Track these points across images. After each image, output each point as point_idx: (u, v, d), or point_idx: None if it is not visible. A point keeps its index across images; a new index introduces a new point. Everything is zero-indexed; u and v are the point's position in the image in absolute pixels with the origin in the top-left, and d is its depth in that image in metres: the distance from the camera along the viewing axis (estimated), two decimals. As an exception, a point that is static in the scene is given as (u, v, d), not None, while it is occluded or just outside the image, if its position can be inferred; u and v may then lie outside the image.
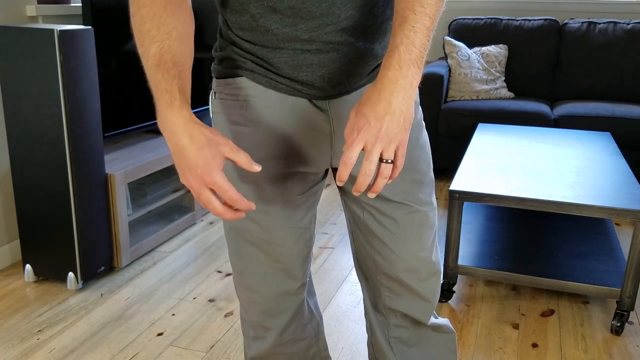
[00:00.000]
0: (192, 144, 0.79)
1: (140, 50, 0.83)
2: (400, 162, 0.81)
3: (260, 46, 0.91)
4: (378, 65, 0.96)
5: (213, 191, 0.81)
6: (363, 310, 2.01)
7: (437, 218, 1.08)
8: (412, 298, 1.09)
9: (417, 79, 0.78)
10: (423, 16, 0.77)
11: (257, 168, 0.81)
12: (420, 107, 1.04)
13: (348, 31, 0.88)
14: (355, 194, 0.79)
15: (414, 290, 1.07)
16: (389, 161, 0.79)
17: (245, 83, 0.95)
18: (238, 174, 0.99)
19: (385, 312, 1.13)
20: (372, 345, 1.22)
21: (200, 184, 0.79)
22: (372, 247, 1.07)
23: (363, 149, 0.78)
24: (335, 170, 1.03)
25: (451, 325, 1.19)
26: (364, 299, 1.20)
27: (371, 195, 0.81)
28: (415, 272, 1.06)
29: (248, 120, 0.96)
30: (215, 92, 1.00)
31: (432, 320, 1.15)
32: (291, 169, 0.98)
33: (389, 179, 0.80)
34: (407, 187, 1.01)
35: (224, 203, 0.81)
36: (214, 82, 1.00)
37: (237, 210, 0.82)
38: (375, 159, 0.77)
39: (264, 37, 0.89)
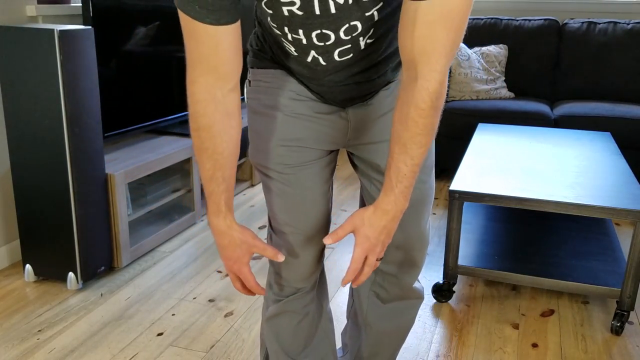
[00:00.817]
0: (230, 246, 1.07)
1: (198, 159, 1.02)
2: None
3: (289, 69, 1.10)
4: (388, 82, 1.14)
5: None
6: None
7: (433, 195, 1.26)
8: (405, 263, 1.28)
9: (407, 204, 1.02)
10: (413, 166, 0.97)
11: (281, 258, 1.07)
12: None
13: (361, 76, 1.06)
14: (348, 282, 1.05)
15: (408, 257, 1.27)
16: (379, 259, 1.08)
17: (282, 74, 1.11)
18: (268, 145, 1.15)
19: (375, 271, 1.32)
20: (352, 290, 1.43)
21: (231, 270, 1.11)
22: None
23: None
24: (349, 154, 1.25)
25: (423, 291, 1.38)
26: None
27: (355, 285, 1.09)
28: (412, 242, 1.25)
29: (280, 105, 1.11)
30: (250, 81, 1.15)
31: (415, 284, 1.35)
32: (311, 146, 1.14)
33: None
34: None
35: (244, 286, 1.13)
36: (251, 72, 1.15)
37: (250, 291, 1.14)
38: (373, 264, 1.06)
39: (291, 69, 1.09)
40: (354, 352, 1.48)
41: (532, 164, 2.25)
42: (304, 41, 0.98)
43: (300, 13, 0.93)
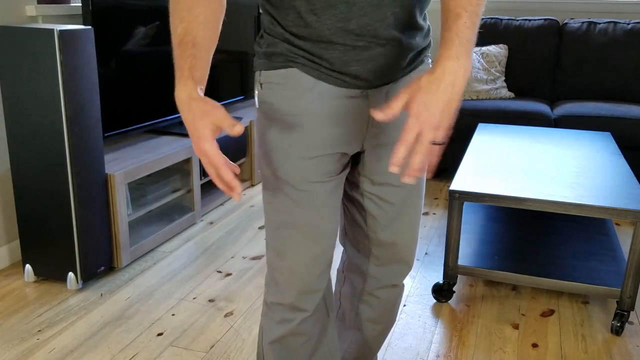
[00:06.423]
0: (189, 116, 0.92)
1: (171, 26, 0.96)
2: (442, 140, 0.95)
3: (313, 42, 0.99)
4: (413, 58, 1.07)
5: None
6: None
7: (423, 195, 1.24)
8: (397, 265, 1.26)
9: (470, 68, 0.88)
10: (472, 14, 0.88)
11: (238, 131, 0.89)
12: None
13: (393, 27, 0.98)
14: (394, 169, 0.89)
15: (402, 258, 1.25)
16: (437, 143, 0.96)
17: (296, 74, 1.03)
18: (285, 159, 1.06)
19: (366, 277, 1.30)
20: (339, 293, 1.41)
21: (198, 151, 0.93)
22: (367, 226, 1.22)
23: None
24: (359, 153, 1.16)
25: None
26: (343, 258, 1.36)
27: (410, 179, 0.89)
28: (407, 245, 1.24)
29: (298, 108, 1.04)
30: (261, 84, 1.07)
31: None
32: (333, 150, 1.07)
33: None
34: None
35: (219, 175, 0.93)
36: (262, 74, 1.06)
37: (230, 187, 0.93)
38: (427, 143, 0.88)
39: (317, 32, 0.97)
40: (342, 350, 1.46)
41: (532, 164, 2.25)
42: None
43: None
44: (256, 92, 1.09)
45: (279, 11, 1.00)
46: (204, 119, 0.90)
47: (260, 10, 1.05)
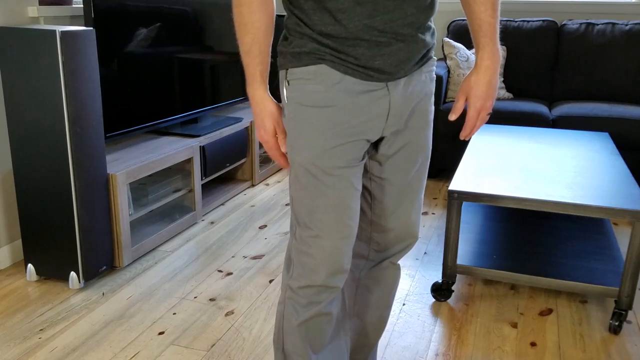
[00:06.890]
0: (260, 112, 1.20)
1: (238, 34, 1.15)
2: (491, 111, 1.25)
3: (340, 39, 1.11)
4: (424, 53, 1.21)
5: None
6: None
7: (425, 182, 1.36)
8: (399, 244, 1.37)
9: (499, 56, 1.19)
10: (496, 17, 1.16)
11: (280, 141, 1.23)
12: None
13: (411, 25, 1.12)
14: (467, 136, 1.25)
15: (407, 235, 1.37)
16: (489, 113, 1.24)
17: (324, 70, 1.14)
18: (316, 147, 1.19)
19: (366, 261, 1.41)
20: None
21: (261, 139, 1.24)
22: (372, 212, 1.34)
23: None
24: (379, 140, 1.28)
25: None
26: None
27: (468, 137, 1.26)
28: (411, 224, 1.36)
29: (327, 101, 1.15)
30: (288, 81, 1.18)
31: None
32: (359, 137, 1.18)
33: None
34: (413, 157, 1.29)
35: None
36: (289, 72, 1.17)
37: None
38: (484, 118, 1.24)
39: (345, 29, 1.10)
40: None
41: (530, 164, 2.27)
42: None
43: None
44: (283, 89, 1.19)
45: (306, 12, 1.11)
46: (270, 118, 1.20)
47: (285, 13, 1.19)
